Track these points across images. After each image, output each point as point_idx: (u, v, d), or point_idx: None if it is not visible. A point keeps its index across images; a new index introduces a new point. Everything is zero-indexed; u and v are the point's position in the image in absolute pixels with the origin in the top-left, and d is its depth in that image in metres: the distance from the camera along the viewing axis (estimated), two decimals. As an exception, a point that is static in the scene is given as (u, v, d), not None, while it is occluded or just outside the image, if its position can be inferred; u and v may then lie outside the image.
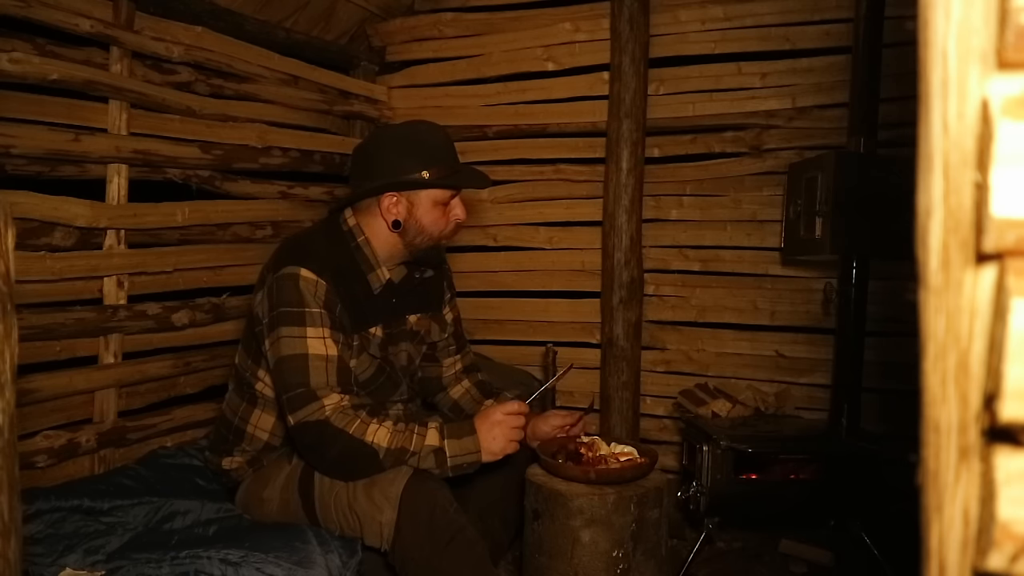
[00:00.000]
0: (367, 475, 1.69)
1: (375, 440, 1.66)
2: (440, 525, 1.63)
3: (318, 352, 1.70)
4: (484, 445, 1.72)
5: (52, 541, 1.66)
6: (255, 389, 1.90)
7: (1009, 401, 0.50)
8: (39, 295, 2.03)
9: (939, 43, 0.51)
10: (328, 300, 1.75)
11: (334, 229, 1.90)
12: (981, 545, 0.52)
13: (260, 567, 1.59)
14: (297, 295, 1.72)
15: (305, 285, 1.73)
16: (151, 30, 2.25)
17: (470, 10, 3.09)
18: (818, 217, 2.23)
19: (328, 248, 1.84)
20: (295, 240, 1.93)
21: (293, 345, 1.70)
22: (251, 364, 1.91)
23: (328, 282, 1.75)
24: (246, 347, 1.93)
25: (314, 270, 1.74)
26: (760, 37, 2.76)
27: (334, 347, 1.72)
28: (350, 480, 1.72)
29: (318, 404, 1.67)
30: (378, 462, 1.66)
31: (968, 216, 0.52)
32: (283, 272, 1.75)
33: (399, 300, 1.96)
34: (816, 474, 2.24)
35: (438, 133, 1.90)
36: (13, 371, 0.83)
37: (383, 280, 1.89)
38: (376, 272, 1.88)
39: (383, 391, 1.93)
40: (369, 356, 1.87)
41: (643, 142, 2.81)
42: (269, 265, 1.83)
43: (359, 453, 1.66)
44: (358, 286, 1.85)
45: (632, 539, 1.76)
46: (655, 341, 2.96)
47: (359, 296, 1.85)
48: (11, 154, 1.92)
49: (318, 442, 1.68)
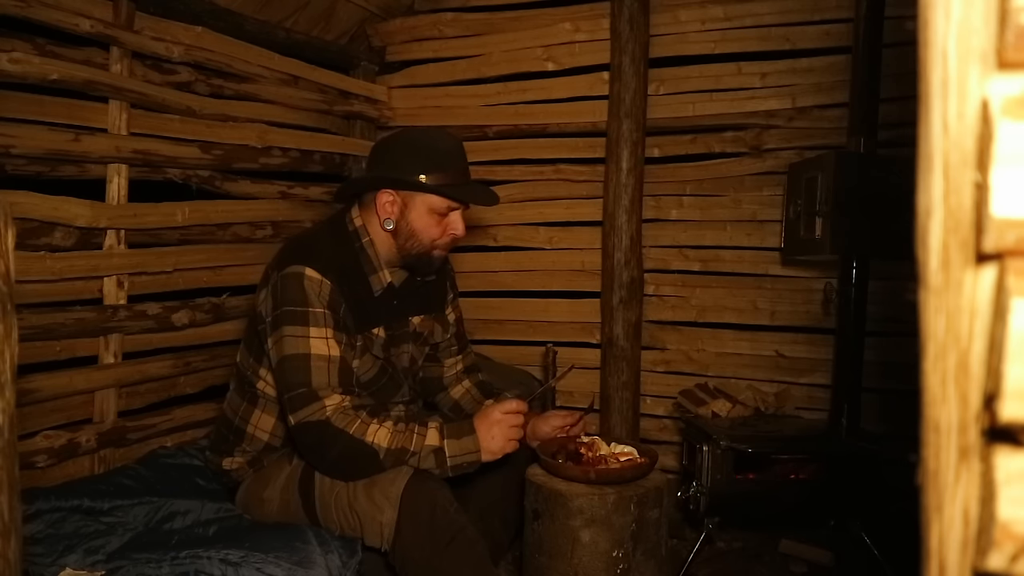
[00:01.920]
0: (367, 475, 1.69)
1: (375, 440, 1.65)
2: (441, 525, 1.63)
3: (320, 352, 1.70)
4: (484, 445, 1.72)
5: (52, 541, 1.66)
6: (256, 388, 1.90)
7: (1009, 401, 0.50)
8: (39, 295, 2.03)
9: (939, 43, 0.51)
10: (332, 300, 1.74)
11: (340, 228, 1.89)
12: (981, 545, 0.52)
13: (260, 567, 1.59)
14: (301, 294, 1.72)
15: (310, 285, 1.72)
16: (151, 30, 2.25)
17: (470, 10, 3.09)
18: (818, 217, 2.23)
19: (333, 248, 1.83)
20: (300, 239, 1.93)
21: (296, 344, 1.70)
22: (253, 363, 1.90)
23: (333, 282, 1.75)
24: (248, 346, 1.93)
25: (319, 269, 1.74)
26: (760, 37, 2.76)
27: (336, 347, 1.72)
28: (350, 480, 1.72)
29: (319, 404, 1.66)
30: (378, 462, 1.66)
31: (968, 216, 0.52)
32: (288, 271, 1.74)
33: (401, 302, 1.96)
34: (816, 474, 2.24)
35: (450, 142, 1.88)
36: (13, 371, 0.83)
37: (384, 283, 1.88)
38: (378, 274, 1.88)
39: (385, 392, 1.93)
40: (372, 357, 1.87)
41: (643, 142, 2.81)
42: (273, 264, 1.83)
43: (359, 453, 1.65)
44: (361, 287, 1.85)
45: (632, 539, 1.76)
46: (655, 341, 2.96)
47: (362, 297, 1.84)
48: (11, 154, 1.92)
49: (318, 442, 1.68)
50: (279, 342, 1.72)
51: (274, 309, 1.75)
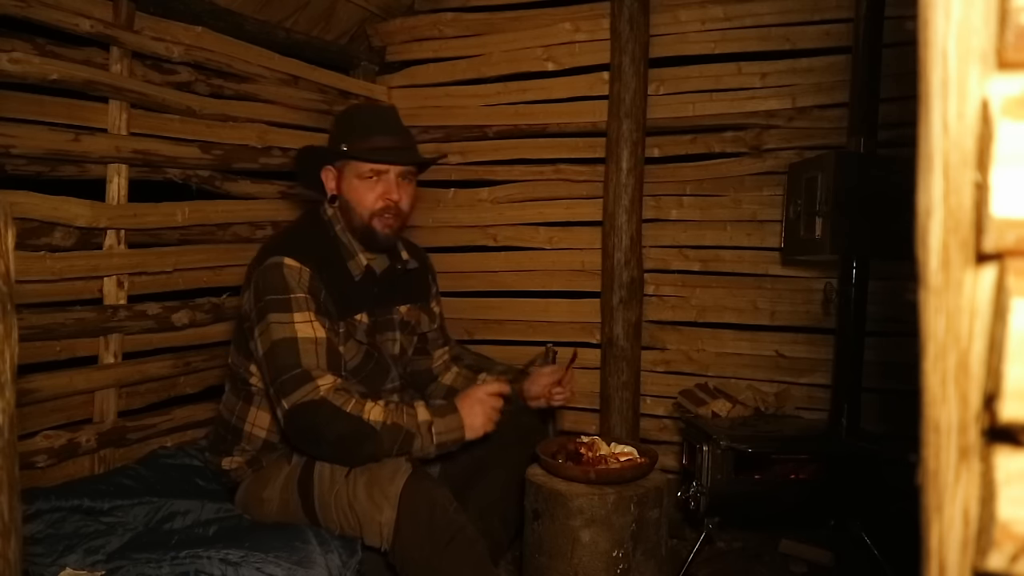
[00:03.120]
0: (366, 456, 1.69)
1: (371, 417, 1.67)
2: (440, 525, 1.63)
3: (307, 335, 1.72)
4: (467, 422, 1.76)
5: (52, 541, 1.66)
6: (250, 385, 1.91)
7: (1009, 401, 0.50)
8: (39, 295, 2.03)
9: (939, 43, 0.51)
10: (312, 286, 1.79)
11: (315, 219, 1.97)
12: (981, 545, 0.52)
13: (260, 567, 1.59)
14: (282, 282, 1.76)
15: (289, 272, 1.77)
16: (151, 30, 2.25)
17: (470, 10, 3.09)
18: (818, 217, 2.23)
19: (310, 237, 1.90)
20: (277, 234, 2.02)
21: (282, 330, 1.72)
22: (244, 361, 1.92)
23: (311, 269, 1.80)
24: (238, 346, 1.95)
25: (297, 258, 1.79)
26: (760, 37, 2.76)
27: (322, 330, 1.75)
28: (348, 464, 1.73)
29: (312, 385, 1.67)
30: (376, 439, 1.67)
31: (968, 216, 0.52)
32: (267, 263, 1.79)
33: (384, 290, 2.00)
34: (816, 474, 2.24)
35: (374, 111, 1.99)
36: (13, 371, 0.83)
37: (362, 266, 1.93)
38: (355, 259, 1.93)
39: (374, 378, 1.95)
40: (356, 343, 1.90)
41: (643, 142, 2.81)
42: (254, 262, 1.88)
43: (358, 432, 1.66)
44: (341, 273, 1.89)
45: (632, 539, 1.76)
46: (655, 341, 2.96)
47: (343, 283, 1.88)
48: (11, 154, 1.92)
49: (314, 424, 1.67)
50: (266, 330, 1.75)
51: (257, 301, 1.78)
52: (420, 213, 3.23)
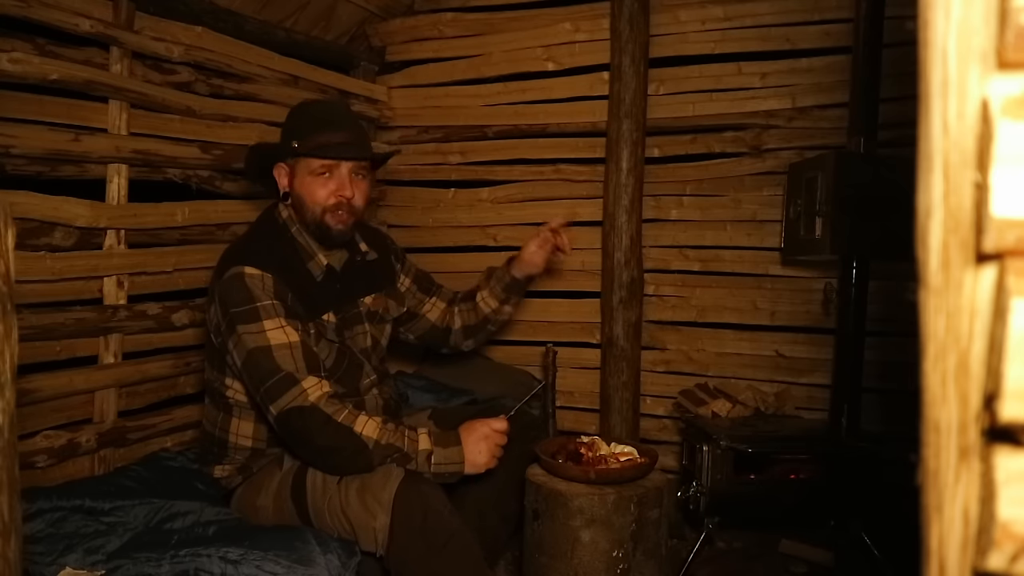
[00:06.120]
0: (356, 468, 1.68)
1: (364, 431, 1.66)
2: (434, 529, 1.62)
3: (280, 341, 1.71)
4: (469, 458, 1.73)
5: (52, 540, 1.66)
6: (227, 397, 1.91)
7: (1009, 401, 0.50)
8: (39, 295, 2.03)
9: (939, 43, 0.51)
10: (278, 290, 1.77)
11: (270, 223, 1.95)
12: (981, 545, 0.52)
13: (260, 564, 1.59)
14: (245, 292, 1.74)
15: (251, 281, 1.75)
16: (151, 30, 2.25)
17: (470, 10, 3.09)
18: (818, 217, 2.23)
19: (267, 242, 1.88)
20: (234, 243, 1.98)
21: (255, 340, 1.71)
22: (217, 374, 1.91)
23: (273, 274, 1.77)
24: (210, 359, 1.95)
25: (257, 265, 1.77)
26: (760, 37, 2.76)
27: (295, 333, 1.74)
28: (337, 474, 1.71)
29: (298, 389, 1.67)
30: (367, 454, 1.66)
31: (968, 216, 0.52)
32: (228, 275, 1.77)
33: (346, 284, 1.98)
34: (816, 474, 2.24)
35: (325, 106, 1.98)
36: (13, 371, 0.83)
37: (323, 266, 1.91)
38: (315, 259, 1.91)
39: (350, 375, 1.94)
40: (327, 342, 1.88)
41: (643, 142, 2.81)
42: (215, 275, 1.85)
43: (347, 443, 1.65)
44: (302, 275, 1.87)
45: (632, 539, 1.76)
46: (655, 341, 2.96)
47: (306, 285, 1.86)
48: (11, 154, 1.92)
49: (304, 428, 1.67)
50: (239, 343, 1.73)
51: (224, 316, 1.76)
52: (420, 213, 3.24)
